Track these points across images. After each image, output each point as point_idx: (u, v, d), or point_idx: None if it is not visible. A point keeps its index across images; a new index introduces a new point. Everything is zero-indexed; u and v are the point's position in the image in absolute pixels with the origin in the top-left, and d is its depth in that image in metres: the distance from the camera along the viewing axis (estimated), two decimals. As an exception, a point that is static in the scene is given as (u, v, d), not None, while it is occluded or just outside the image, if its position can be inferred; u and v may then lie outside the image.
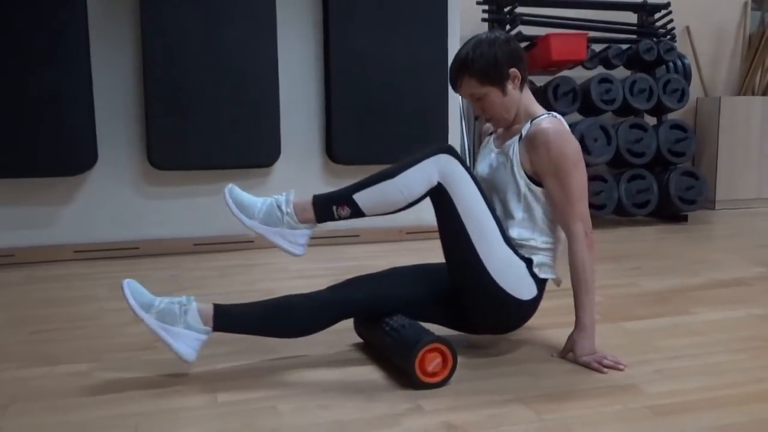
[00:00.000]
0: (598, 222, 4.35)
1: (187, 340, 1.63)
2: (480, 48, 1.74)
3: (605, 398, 1.55)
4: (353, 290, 1.78)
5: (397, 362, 1.66)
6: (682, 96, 4.45)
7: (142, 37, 3.27)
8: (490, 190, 1.82)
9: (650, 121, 4.53)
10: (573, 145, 1.73)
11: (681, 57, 4.72)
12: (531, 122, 1.77)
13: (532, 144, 1.73)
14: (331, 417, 1.47)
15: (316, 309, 1.73)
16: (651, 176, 4.27)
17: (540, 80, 4.41)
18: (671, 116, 4.61)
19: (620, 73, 4.52)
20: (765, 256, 3.02)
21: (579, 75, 4.47)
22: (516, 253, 1.73)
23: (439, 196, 1.67)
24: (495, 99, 1.78)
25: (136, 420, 1.47)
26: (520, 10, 4.30)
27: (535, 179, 1.76)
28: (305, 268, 3.00)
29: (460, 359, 1.82)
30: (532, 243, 1.77)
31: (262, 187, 3.62)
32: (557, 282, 1.85)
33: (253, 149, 3.49)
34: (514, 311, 1.76)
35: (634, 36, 4.57)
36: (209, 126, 3.39)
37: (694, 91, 4.97)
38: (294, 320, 1.71)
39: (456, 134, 3.95)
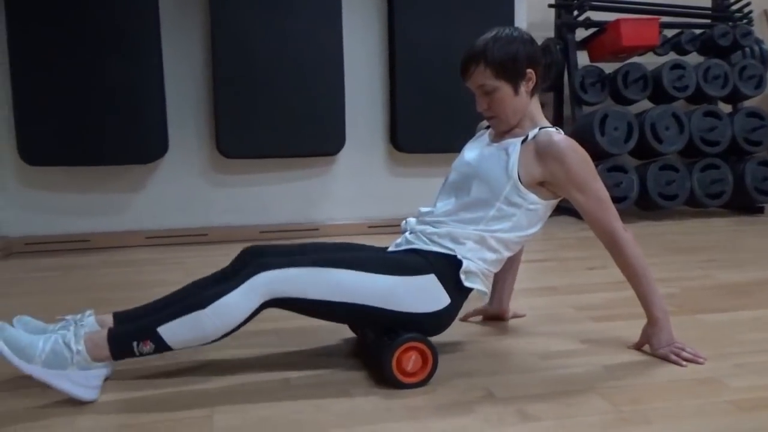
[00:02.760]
0: (667, 213, 4.22)
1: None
2: (502, 40, 1.66)
3: (685, 391, 1.50)
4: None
5: (377, 361, 1.58)
6: (760, 83, 4.28)
7: (211, 28, 3.33)
8: (467, 178, 1.71)
9: (725, 108, 4.37)
10: (586, 155, 1.66)
11: (758, 42, 4.54)
12: (539, 129, 1.68)
13: (546, 156, 1.63)
14: (402, 403, 1.47)
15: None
16: (725, 166, 4.12)
17: (609, 67, 4.30)
18: (747, 104, 4.44)
19: (693, 59, 4.38)
20: None
21: (650, 61, 4.34)
22: (414, 270, 1.59)
23: (282, 303, 1.52)
24: (505, 96, 1.68)
25: (213, 399, 1.50)
26: (588, -5, 4.21)
27: (528, 186, 1.65)
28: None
29: (532, 347, 1.80)
30: (478, 243, 1.64)
31: (327, 176, 3.65)
32: (483, 294, 1.70)
33: (319, 138, 3.52)
34: (432, 322, 1.62)
35: (709, 20, 4.42)
36: (276, 115, 3.43)
37: (772, 77, 4.76)
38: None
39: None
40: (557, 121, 4.63)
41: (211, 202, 3.56)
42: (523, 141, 1.68)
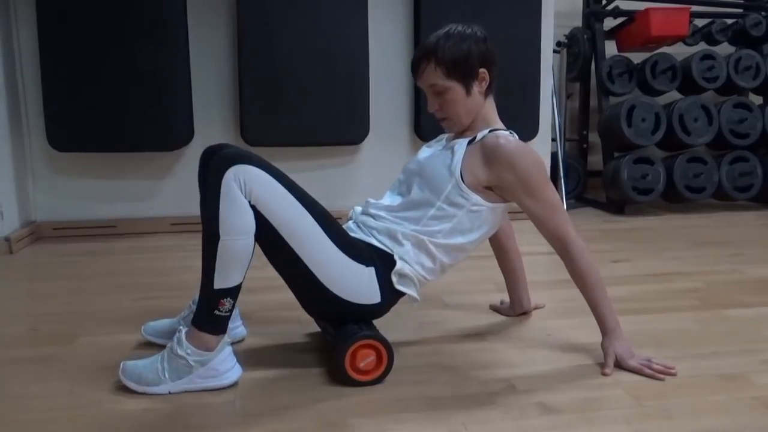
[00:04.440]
0: (694, 206, 4.17)
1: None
2: (454, 38, 1.61)
3: (709, 387, 1.49)
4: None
5: (331, 357, 1.56)
6: (792, 74, 4.18)
7: (237, 17, 3.34)
8: (412, 176, 1.68)
9: (756, 100, 4.28)
10: (538, 159, 1.60)
11: (792, 32, 4.43)
12: (489, 131, 1.63)
13: (494, 160, 1.57)
14: (424, 393, 1.47)
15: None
16: (755, 159, 4.05)
17: (637, 57, 4.24)
18: (779, 95, 4.34)
19: (724, 49, 4.30)
20: None
21: (679, 51, 4.27)
22: (359, 256, 1.53)
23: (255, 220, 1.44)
24: (457, 97, 1.62)
25: (236, 387, 1.51)
26: (617, -17, 4.15)
27: (472, 187, 1.59)
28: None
29: (554, 340, 1.79)
30: (416, 247, 1.59)
31: (350, 165, 3.66)
32: (414, 301, 1.63)
33: (343, 126, 3.52)
34: (355, 313, 1.57)
35: (741, 10, 4.33)
36: (300, 103, 3.43)
37: (806, 68, 4.66)
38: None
39: (547, 112, 3.86)
40: (584, 113, 4.58)
41: (236, 190, 3.58)
42: (471, 141, 1.63)
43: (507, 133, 1.65)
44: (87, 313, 2.08)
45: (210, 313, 1.46)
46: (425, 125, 3.61)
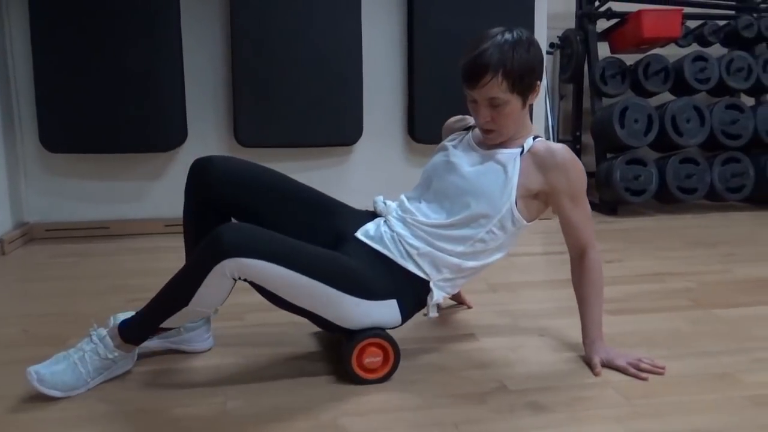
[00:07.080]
0: (687, 207, 4.18)
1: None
2: (521, 48, 1.50)
3: (699, 386, 1.50)
4: None
5: (340, 355, 1.57)
6: (784, 75, 4.20)
7: (230, 17, 3.34)
8: (461, 192, 1.59)
9: (747, 101, 4.30)
10: (583, 168, 1.62)
11: (784, 33, 4.45)
12: (533, 139, 1.62)
13: (550, 167, 1.57)
14: (416, 392, 1.48)
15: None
16: (747, 159, 4.06)
17: (630, 59, 4.26)
18: (771, 96, 4.36)
19: (716, 50, 4.31)
20: None
21: (672, 53, 4.29)
22: (377, 294, 1.51)
23: (251, 283, 1.43)
24: (514, 110, 1.54)
25: (227, 389, 1.51)
26: (610, -15, 4.16)
27: (522, 199, 1.58)
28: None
29: (546, 339, 1.80)
30: (454, 273, 1.60)
31: (343, 166, 3.66)
32: (425, 313, 1.62)
33: (336, 127, 3.52)
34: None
35: (733, 11, 4.34)
36: (293, 104, 3.43)
37: (797, 69, 4.67)
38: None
39: (540, 113, 3.87)
40: (577, 114, 4.59)
41: (229, 191, 3.57)
42: (521, 153, 1.60)
43: (543, 138, 1.65)
44: (79, 314, 2.07)
45: (145, 337, 1.55)
46: (419, 126, 3.62)
